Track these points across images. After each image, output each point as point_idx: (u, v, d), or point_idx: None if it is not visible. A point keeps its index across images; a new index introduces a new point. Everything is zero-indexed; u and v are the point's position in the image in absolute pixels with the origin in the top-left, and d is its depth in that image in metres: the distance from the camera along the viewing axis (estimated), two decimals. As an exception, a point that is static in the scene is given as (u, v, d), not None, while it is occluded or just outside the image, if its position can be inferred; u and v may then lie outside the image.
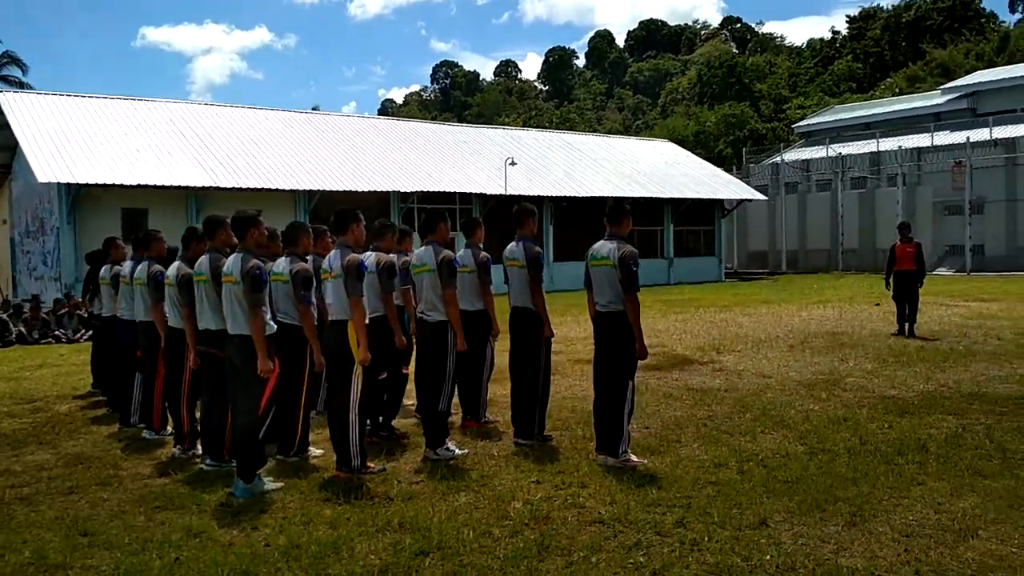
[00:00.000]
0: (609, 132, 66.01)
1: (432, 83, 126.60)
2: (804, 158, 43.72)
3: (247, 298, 5.72)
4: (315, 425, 7.46)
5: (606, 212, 6.65)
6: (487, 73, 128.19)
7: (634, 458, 6.43)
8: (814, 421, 7.74)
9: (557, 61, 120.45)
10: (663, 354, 12.38)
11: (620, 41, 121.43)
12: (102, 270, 8.91)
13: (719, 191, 35.56)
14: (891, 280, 14.18)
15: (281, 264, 6.73)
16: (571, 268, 30.55)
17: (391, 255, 7.18)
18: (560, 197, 29.84)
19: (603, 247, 6.51)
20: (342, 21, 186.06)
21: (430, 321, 6.77)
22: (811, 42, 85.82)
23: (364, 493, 5.78)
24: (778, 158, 43.66)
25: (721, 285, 31.53)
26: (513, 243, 7.27)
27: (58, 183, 20.90)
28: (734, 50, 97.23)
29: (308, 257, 6.94)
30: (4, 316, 16.43)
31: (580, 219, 30.95)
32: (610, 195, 31.17)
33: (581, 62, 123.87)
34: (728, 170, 43.48)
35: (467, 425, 7.87)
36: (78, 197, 21.69)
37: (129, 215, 22.52)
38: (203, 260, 6.29)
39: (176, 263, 6.98)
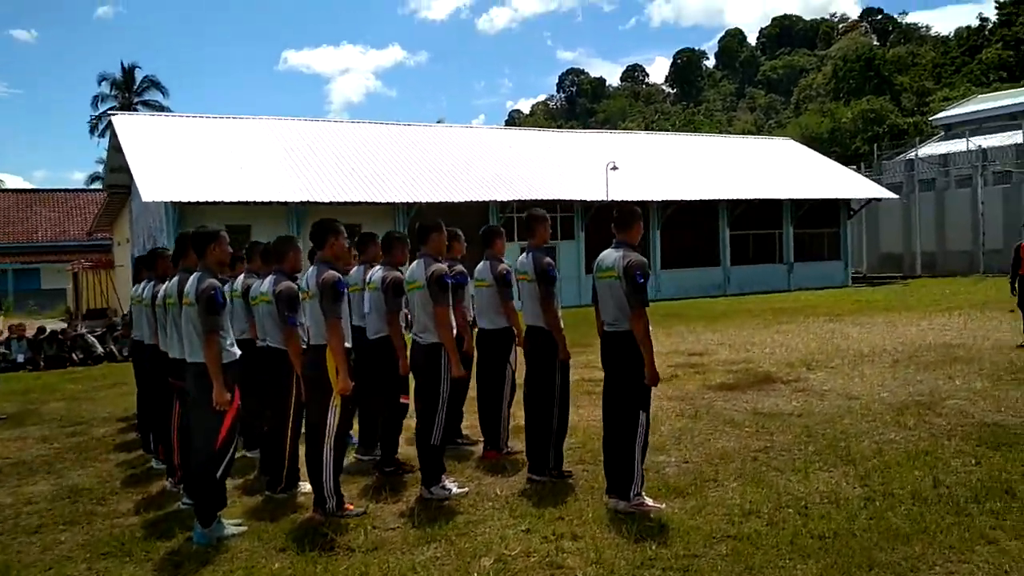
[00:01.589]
0: (741, 132, 63.69)
1: (558, 91, 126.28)
2: (942, 152, 40.54)
3: (201, 322, 5.22)
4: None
5: (613, 216, 5.77)
6: (613, 79, 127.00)
7: (649, 502, 5.55)
8: (887, 456, 6.60)
9: (686, 63, 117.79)
10: (745, 371, 11.26)
11: (752, 39, 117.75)
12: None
13: (844, 190, 33.30)
14: (1016, 285, 12.51)
15: (265, 284, 6.23)
16: (679, 276, 29.32)
17: (397, 272, 6.56)
18: (667, 201, 28.60)
19: (608, 256, 5.65)
20: (471, 36, 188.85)
21: (422, 344, 6.09)
22: (958, 31, 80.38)
23: (327, 542, 5.16)
24: (912, 154, 40.61)
25: (845, 291, 29.39)
26: (523, 255, 6.50)
27: (164, 202, 21.47)
28: (874, 42, 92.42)
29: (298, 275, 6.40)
30: (87, 333, 16.88)
31: (689, 224, 29.64)
32: (721, 197, 29.73)
33: (711, 63, 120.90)
34: (860, 168, 40.89)
35: (488, 456, 7.14)
36: (184, 215, 22.26)
37: (232, 231, 22.91)
38: (171, 282, 5.85)
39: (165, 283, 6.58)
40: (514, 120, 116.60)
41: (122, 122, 25.03)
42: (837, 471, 6.28)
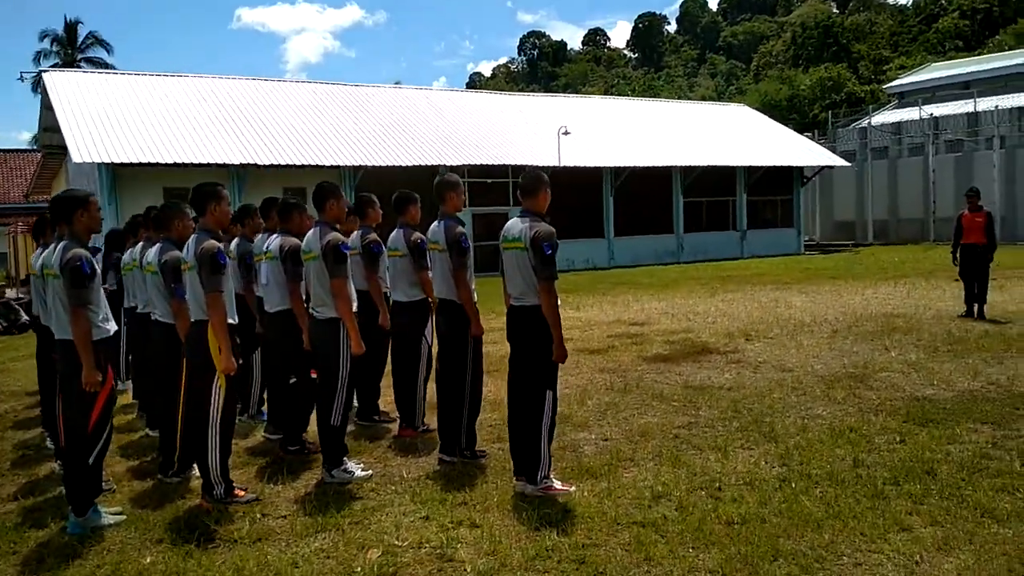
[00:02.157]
0: (702, 99, 63.34)
1: (519, 54, 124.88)
2: (895, 121, 40.69)
3: (67, 295, 4.79)
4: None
5: (520, 183, 5.42)
6: (575, 43, 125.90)
7: (557, 485, 5.27)
8: (810, 433, 6.40)
9: (647, 27, 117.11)
10: (683, 342, 11.05)
11: (713, 5, 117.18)
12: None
13: (798, 158, 33.29)
14: (958, 254, 12.42)
15: (151, 253, 5.81)
16: (633, 244, 29.12)
17: (295, 240, 6.17)
18: (620, 167, 28.30)
19: (515, 226, 5.30)
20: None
21: (319, 319, 5.71)
22: (915, 0, 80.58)
23: (208, 532, 4.81)
24: (866, 122, 40.70)
25: (797, 259, 29.44)
26: (435, 223, 6.14)
27: (97, 163, 20.67)
28: (834, 10, 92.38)
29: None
30: (11, 300, 16.22)
31: (643, 191, 29.38)
32: (675, 164, 29.50)
33: (672, 28, 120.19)
34: (815, 136, 40.92)
35: (403, 434, 6.82)
36: (118, 177, 21.49)
37: (171, 194, 22.22)
38: (47, 251, 5.38)
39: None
40: (475, 83, 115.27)
41: (55, 79, 23.99)
42: (758, 449, 6.06)
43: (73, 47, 57.70)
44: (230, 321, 5.18)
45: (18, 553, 4.70)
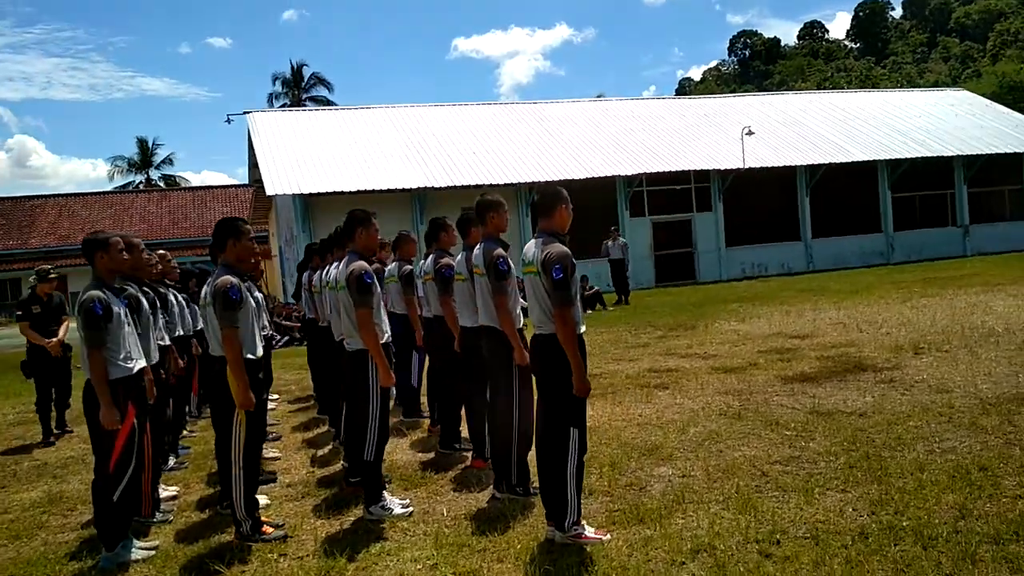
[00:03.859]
0: (934, 85, 58.17)
1: (730, 56, 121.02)
2: None
3: (81, 337, 4.88)
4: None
5: (536, 201, 4.92)
6: (790, 38, 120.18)
7: (589, 532, 4.70)
8: (928, 472, 5.37)
9: (868, 15, 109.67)
10: (837, 358, 9.90)
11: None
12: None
13: (1028, 143, 29.59)
14: None
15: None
16: (834, 245, 27.07)
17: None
18: (815, 165, 26.40)
19: (530, 249, 4.81)
20: (637, 8, 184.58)
21: (349, 351, 5.50)
22: None
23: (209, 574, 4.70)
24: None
25: (1030, 255, 26.04)
26: (477, 246, 5.77)
27: (289, 195, 22.03)
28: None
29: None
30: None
31: (844, 188, 27.26)
32: (879, 157, 27.12)
33: (897, 13, 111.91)
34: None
35: (475, 465, 6.48)
36: (311, 206, 22.77)
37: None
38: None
39: None
40: (685, 89, 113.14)
41: (255, 119, 25.93)
42: (853, 492, 5.15)
43: (299, 88, 62.59)
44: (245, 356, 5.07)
45: (44, 587, 4.81)
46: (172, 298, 7.39)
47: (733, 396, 8.30)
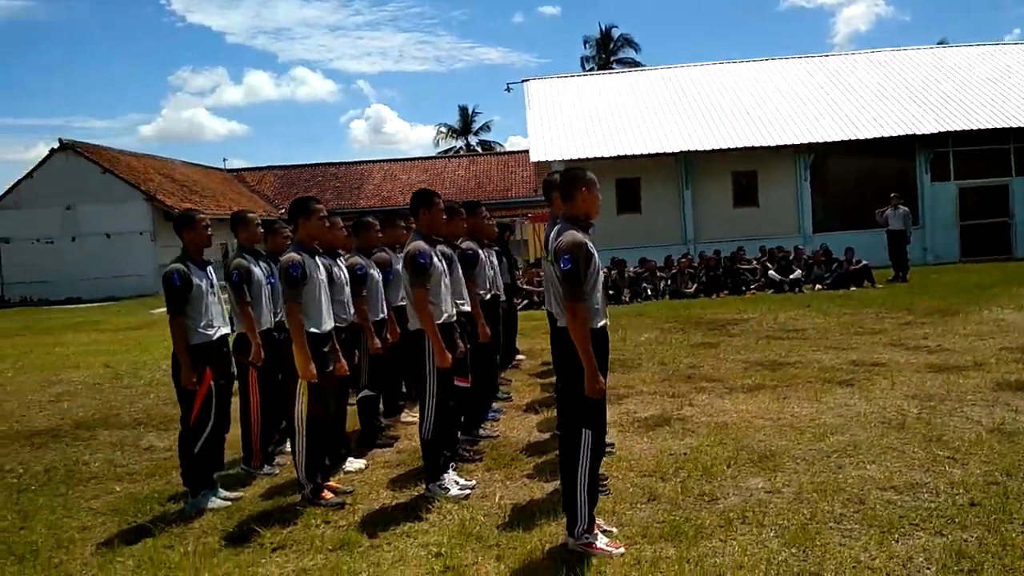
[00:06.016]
0: None
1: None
2: None
3: (166, 304, 5.39)
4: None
5: (558, 184, 4.54)
6: None
7: (600, 544, 4.34)
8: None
9: None
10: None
11: None
12: None
13: None
14: None
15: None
16: None
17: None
18: None
19: (552, 236, 4.48)
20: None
21: (410, 329, 5.49)
22: None
23: (243, 533, 4.99)
24: None
25: None
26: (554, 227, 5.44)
27: (552, 160, 22.38)
28: None
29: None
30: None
31: None
32: None
33: None
34: None
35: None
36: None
37: (622, 185, 23.14)
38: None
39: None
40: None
41: (530, 86, 26.50)
42: (942, 540, 4.25)
43: (607, 50, 62.93)
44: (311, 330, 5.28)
45: (132, 523, 5.38)
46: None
47: (919, 401, 7.17)
